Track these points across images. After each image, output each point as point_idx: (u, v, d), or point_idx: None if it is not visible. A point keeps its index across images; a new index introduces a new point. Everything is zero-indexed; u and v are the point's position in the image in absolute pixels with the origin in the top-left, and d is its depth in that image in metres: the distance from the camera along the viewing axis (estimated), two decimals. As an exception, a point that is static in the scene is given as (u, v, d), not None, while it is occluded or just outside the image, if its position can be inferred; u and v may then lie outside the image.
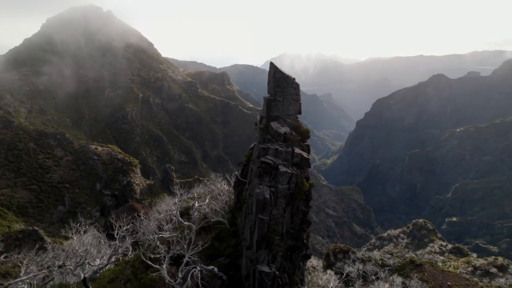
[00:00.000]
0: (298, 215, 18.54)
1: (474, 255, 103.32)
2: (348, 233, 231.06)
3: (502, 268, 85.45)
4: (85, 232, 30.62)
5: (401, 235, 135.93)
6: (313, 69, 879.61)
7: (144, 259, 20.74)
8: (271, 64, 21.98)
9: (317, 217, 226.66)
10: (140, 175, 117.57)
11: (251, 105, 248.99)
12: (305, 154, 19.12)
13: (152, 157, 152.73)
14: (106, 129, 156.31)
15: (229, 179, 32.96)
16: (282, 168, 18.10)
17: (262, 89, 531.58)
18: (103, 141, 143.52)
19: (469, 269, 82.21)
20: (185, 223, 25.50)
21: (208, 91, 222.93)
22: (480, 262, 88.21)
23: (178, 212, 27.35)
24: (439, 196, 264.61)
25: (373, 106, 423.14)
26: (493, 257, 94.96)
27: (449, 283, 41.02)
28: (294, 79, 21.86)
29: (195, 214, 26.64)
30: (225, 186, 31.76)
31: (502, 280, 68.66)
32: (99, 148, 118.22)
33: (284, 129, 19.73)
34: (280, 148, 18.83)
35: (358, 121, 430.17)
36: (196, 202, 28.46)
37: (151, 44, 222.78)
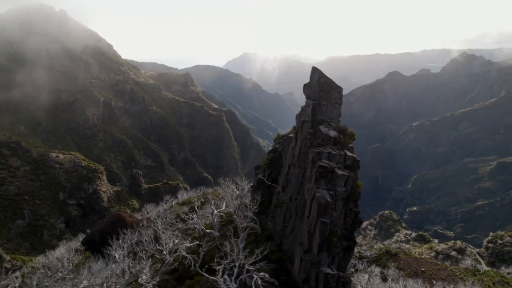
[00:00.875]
0: (350, 216, 19.01)
1: (436, 241, 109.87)
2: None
3: (461, 251, 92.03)
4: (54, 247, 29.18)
5: (369, 227, 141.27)
6: (274, 68, 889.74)
7: (200, 271, 19.90)
8: (315, 70, 22.28)
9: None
10: (106, 182, 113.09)
11: (216, 106, 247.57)
12: (356, 156, 19.79)
13: (117, 162, 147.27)
14: (66, 135, 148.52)
15: (239, 182, 32.73)
16: (339, 171, 18.46)
17: (225, 89, 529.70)
18: (63, 148, 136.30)
19: (432, 254, 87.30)
20: (207, 230, 25.12)
21: (172, 93, 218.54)
22: (442, 247, 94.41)
23: (200, 220, 26.87)
24: (399, 188, 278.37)
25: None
26: (453, 241, 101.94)
27: (423, 269, 43.58)
28: (337, 87, 22.16)
29: (215, 221, 26.28)
30: (235, 190, 31.61)
31: (468, 262, 73.98)
32: (61, 156, 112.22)
33: (333, 133, 20.09)
34: (333, 152, 19.18)
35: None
36: (215, 209, 28.10)
37: (110, 46, 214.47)
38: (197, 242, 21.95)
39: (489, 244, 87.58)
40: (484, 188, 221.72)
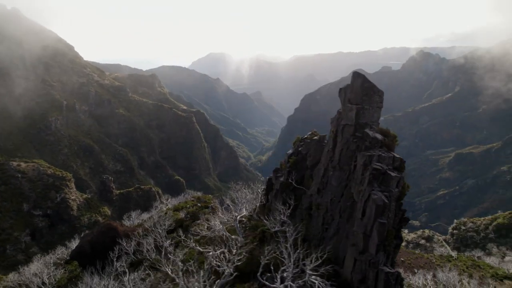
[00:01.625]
0: (398, 215, 19.55)
1: (406, 231, 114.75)
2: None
3: (429, 239, 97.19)
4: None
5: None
6: (241, 68, 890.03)
7: (262, 279, 19.45)
8: (357, 74, 22.73)
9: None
10: (75, 189, 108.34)
11: (185, 107, 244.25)
12: (402, 158, 20.50)
13: (84, 169, 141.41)
14: (26, 142, 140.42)
15: (253, 186, 32.47)
16: (392, 173, 18.95)
17: (192, 90, 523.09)
18: (24, 156, 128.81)
19: (403, 244, 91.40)
20: (232, 236, 24.75)
21: (138, 94, 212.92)
22: (411, 236, 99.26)
23: (224, 227, 26.40)
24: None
25: (302, 101, 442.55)
26: (421, 230, 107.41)
27: (402, 259, 45.63)
28: (379, 91, 22.64)
29: (238, 226, 25.88)
30: (248, 193, 31.39)
31: (442, 249, 78.26)
32: (23, 165, 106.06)
33: (379, 136, 20.57)
34: (382, 154, 19.63)
35: (289, 116, 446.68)
36: (237, 214, 27.74)
37: (71, 47, 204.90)
38: (223, 249, 21.67)
39: (454, 231, 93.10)
40: (444, 178, 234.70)
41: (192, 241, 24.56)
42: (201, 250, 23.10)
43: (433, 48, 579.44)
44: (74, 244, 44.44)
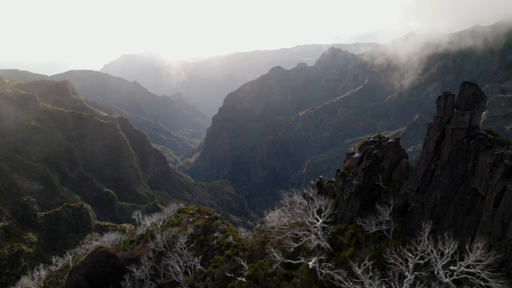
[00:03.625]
0: None
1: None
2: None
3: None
4: None
5: (282, 214, 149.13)
6: (158, 70, 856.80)
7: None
8: (469, 83, 23.70)
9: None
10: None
11: (106, 114, 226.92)
12: None
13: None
14: None
15: (306, 191, 30.90)
16: None
17: (107, 95, 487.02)
18: None
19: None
20: (324, 244, 23.11)
21: (50, 103, 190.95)
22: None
23: (325, 236, 24.37)
24: (296, 173, 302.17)
25: (225, 100, 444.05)
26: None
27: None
28: (485, 97, 23.75)
29: (322, 234, 24.12)
30: (301, 199, 29.89)
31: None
32: None
33: (494, 136, 20.93)
34: (504, 152, 20.28)
35: (213, 116, 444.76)
36: (320, 220, 25.89)
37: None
38: (320, 258, 20.61)
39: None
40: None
41: (281, 255, 23.40)
42: (293, 262, 22.03)
43: (340, 45, 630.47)
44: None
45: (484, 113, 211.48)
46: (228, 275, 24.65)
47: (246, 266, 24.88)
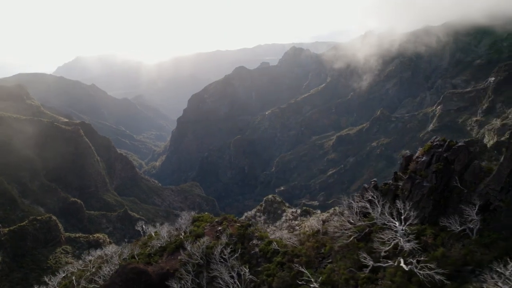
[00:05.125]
0: None
1: (319, 211, 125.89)
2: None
3: (341, 215, 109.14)
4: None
5: (258, 213, 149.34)
6: (116, 71, 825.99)
7: None
8: None
9: (167, 221, 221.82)
10: None
11: (67, 120, 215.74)
12: None
13: None
14: None
15: (366, 195, 30.42)
16: None
17: (64, 99, 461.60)
18: None
19: (320, 223, 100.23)
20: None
21: (3, 110, 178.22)
22: (325, 215, 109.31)
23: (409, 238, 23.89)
24: (265, 172, 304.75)
25: (189, 101, 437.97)
26: (333, 208, 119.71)
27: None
28: None
29: (406, 241, 23.81)
30: (363, 202, 29.42)
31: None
32: None
33: None
34: None
35: (178, 118, 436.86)
36: (402, 222, 25.48)
37: None
38: (417, 259, 20.67)
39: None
40: (331, 159, 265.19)
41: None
42: (383, 265, 21.82)
43: (301, 44, 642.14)
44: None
45: (438, 107, 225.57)
46: (299, 282, 24.40)
47: (306, 272, 24.79)
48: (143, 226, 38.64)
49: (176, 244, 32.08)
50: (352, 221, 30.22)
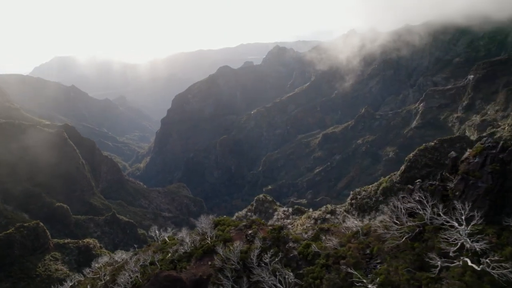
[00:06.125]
0: None
1: (310, 209, 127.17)
2: (188, 229, 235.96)
3: (332, 212, 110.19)
4: None
5: (249, 213, 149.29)
6: (96, 72, 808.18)
7: None
8: None
9: (156, 223, 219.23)
10: None
11: (48, 122, 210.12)
12: None
13: None
14: None
15: (408, 196, 30.40)
16: None
17: (42, 101, 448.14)
18: None
19: (312, 221, 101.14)
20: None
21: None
22: (317, 213, 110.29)
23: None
24: (252, 172, 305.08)
25: (173, 102, 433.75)
26: (324, 206, 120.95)
27: (358, 235, 51.59)
28: None
29: (474, 240, 23.86)
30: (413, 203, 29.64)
31: (348, 220, 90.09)
32: None
33: None
34: None
35: (162, 119, 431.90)
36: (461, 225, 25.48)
37: None
38: (490, 258, 20.74)
39: (352, 201, 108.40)
40: (317, 157, 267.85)
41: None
42: (451, 265, 21.49)
43: (284, 43, 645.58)
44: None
45: (421, 104, 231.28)
46: (357, 284, 24.26)
47: (356, 273, 24.75)
48: (156, 232, 37.86)
49: (204, 249, 31.66)
50: (397, 222, 30.28)
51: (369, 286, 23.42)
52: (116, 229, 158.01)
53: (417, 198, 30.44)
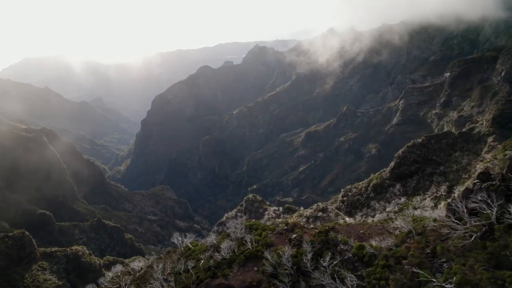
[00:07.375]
0: None
1: (302, 208, 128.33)
2: (174, 232, 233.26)
3: (324, 210, 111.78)
4: None
5: (239, 214, 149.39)
6: (72, 74, 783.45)
7: None
8: None
9: (141, 227, 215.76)
10: None
11: (25, 126, 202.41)
12: None
13: None
14: None
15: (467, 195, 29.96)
16: None
17: (13, 103, 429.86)
18: None
19: (304, 220, 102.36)
20: None
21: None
22: (309, 211, 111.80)
23: None
24: (236, 172, 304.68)
25: (153, 103, 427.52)
26: (316, 204, 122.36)
27: (362, 231, 52.79)
28: None
29: None
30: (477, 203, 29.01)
31: (340, 217, 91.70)
32: None
33: None
34: None
35: (142, 120, 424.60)
36: None
37: None
38: None
39: (344, 198, 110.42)
40: (301, 156, 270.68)
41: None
42: None
43: (264, 42, 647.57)
44: None
45: (401, 102, 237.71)
46: (434, 284, 23.96)
47: (422, 272, 24.64)
48: (178, 238, 37.25)
49: (245, 254, 31.45)
50: (458, 222, 30.10)
51: (445, 286, 23.30)
52: (103, 235, 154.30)
53: (479, 198, 30.32)
